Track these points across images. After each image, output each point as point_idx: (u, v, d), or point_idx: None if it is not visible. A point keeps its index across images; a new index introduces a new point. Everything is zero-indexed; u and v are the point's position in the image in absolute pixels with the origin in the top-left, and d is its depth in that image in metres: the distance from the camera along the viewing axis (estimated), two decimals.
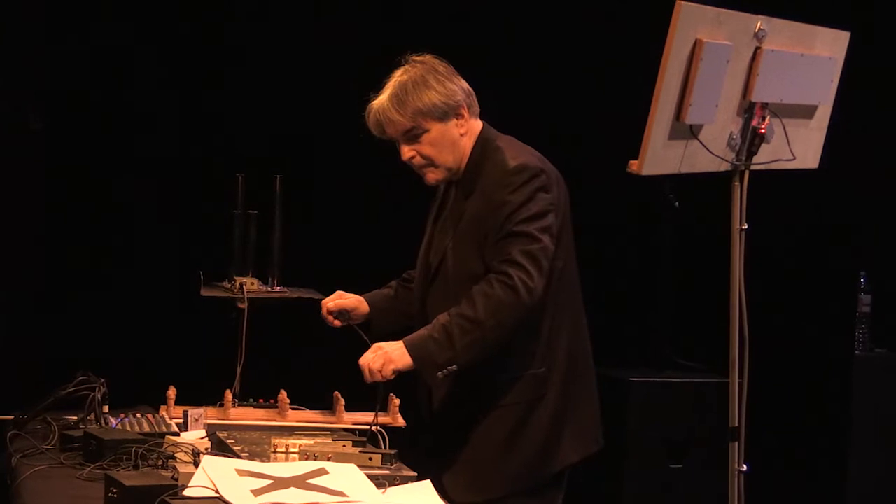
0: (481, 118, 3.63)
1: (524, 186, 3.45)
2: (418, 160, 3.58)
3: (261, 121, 5.45)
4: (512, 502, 3.50)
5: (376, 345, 3.45)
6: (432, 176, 3.60)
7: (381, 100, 3.56)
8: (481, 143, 3.58)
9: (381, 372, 3.39)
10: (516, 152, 3.54)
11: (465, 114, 3.57)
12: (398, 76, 3.58)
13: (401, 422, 3.79)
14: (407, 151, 3.58)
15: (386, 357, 3.40)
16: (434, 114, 3.53)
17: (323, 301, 3.79)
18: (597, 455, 3.65)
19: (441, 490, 3.18)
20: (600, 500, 5.62)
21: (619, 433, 5.50)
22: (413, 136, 3.56)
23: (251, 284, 4.19)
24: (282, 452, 3.19)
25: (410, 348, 3.39)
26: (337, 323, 3.76)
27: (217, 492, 2.74)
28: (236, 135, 5.47)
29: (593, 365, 3.68)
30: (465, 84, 3.61)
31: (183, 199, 5.46)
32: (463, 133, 3.57)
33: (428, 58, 3.61)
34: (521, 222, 3.42)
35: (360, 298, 3.79)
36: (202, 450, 3.09)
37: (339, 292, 3.79)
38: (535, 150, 3.60)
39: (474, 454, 3.49)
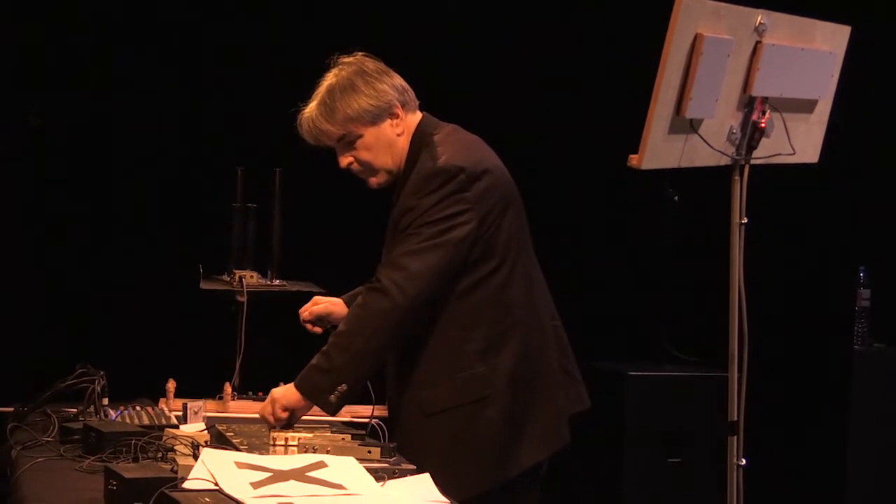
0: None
1: (437, 191, 3.33)
2: (356, 167, 3.49)
3: (259, 114, 5.44)
4: None
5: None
6: (374, 181, 3.50)
7: (311, 108, 3.46)
8: (417, 138, 3.45)
9: (272, 415, 3.36)
10: (446, 149, 3.39)
11: (400, 112, 3.44)
12: (326, 81, 3.47)
13: None
14: (343, 160, 3.49)
15: (271, 398, 3.37)
16: (364, 119, 3.43)
17: (300, 311, 3.68)
18: (563, 451, 3.49)
19: None
20: (598, 495, 5.62)
21: (618, 427, 5.50)
22: (347, 143, 3.46)
23: (250, 278, 4.19)
24: (281, 445, 3.18)
25: (297, 384, 3.35)
26: (318, 330, 3.67)
27: (216, 484, 2.73)
28: (235, 128, 5.47)
29: (563, 358, 3.52)
30: (398, 81, 3.48)
31: (182, 192, 5.46)
32: (399, 133, 3.45)
33: (357, 58, 3.49)
34: (421, 225, 3.32)
35: (337, 301, 3.68)
36: (202, 442, 3.09)
37: (314, 298, 3.70)
38: (474, 141, 3.49)
39: (418, 463, 3.15)
